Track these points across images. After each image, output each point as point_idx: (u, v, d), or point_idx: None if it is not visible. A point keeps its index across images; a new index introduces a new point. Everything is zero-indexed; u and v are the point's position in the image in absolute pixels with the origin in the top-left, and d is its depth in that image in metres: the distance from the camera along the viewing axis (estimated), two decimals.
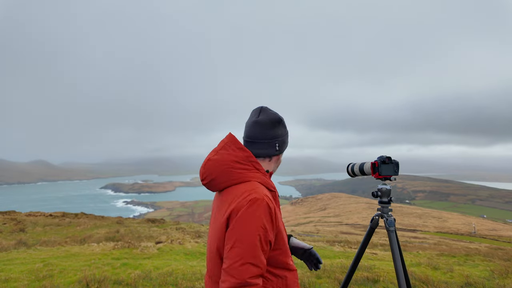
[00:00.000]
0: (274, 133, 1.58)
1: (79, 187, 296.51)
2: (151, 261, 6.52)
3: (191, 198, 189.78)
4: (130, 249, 7.78)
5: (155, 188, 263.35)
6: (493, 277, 5.00)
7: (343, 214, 54.28)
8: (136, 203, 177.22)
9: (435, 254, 7.97)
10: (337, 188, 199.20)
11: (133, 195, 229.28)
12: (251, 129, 1.58)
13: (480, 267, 5.85)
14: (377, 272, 5.18)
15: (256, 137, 1.57)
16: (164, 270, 5.45)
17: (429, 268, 5.72)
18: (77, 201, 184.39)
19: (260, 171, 1.51)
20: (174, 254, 7.52)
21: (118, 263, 5.97)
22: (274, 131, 1.58)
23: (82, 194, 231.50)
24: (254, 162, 1.50)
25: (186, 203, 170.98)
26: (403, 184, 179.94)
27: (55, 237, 11.90)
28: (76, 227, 15.09)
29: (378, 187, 2.06)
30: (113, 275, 5.00)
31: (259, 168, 1.51)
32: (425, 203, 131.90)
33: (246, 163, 1.48)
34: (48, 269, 5.30)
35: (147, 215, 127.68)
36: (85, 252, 7.42)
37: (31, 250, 7.84)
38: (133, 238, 10.93)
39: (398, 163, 1.98)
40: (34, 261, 6.14)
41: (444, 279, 4.89)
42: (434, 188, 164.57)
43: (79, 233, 13.03)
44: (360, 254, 2.17)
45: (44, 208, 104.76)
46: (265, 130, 1.56)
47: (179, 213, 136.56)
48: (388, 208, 2.05)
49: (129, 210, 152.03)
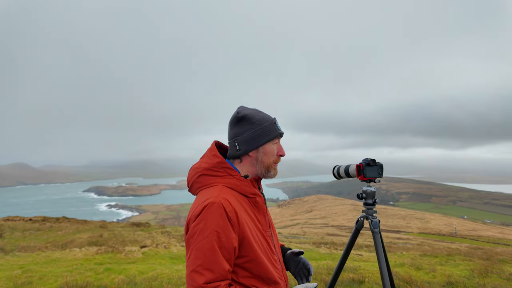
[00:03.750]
0: (233, 132, 1.52)
1: (60, 191, 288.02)
2: (135, 265, 6.39)
3: (177, 201, 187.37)
4: (114, 254, 7.61)
5: (140, 191, 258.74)
6: (473, 276, 5.15)
7: (329, 216, 54.78)
8: (120, 207, 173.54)
9: (418, 255, 8.15)
10: (323, 190, 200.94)
11: (117, 198, 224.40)
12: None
13: (461, 267, 6.02)
14: (362, 273, 5.25)
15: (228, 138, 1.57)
16: (149, 274, 5.36)
17: (412, 268, 5.84)
18: (59, 205, 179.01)
19: (233, 176, 1.45)
20: (160, 258, 7.41)
21: (101, 268, 5.83)
22: (234, 129, 1.52)
23: (64, 198, 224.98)
24: (226, 168, 1.47)
25: (172, 206, 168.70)
26: (387, 186, 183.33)
27: (35, 242, 11.52)
28: (57, 231, 14.65)
29: (363, 189, 2.09)
30: (96, 281, 4.88)
31: (232, 173, 1.46)
32: (408, 205, 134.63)
33: (218, 169, 1.47)
34: (27, 276, 5.13)
35: (132, 218, 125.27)
36: (66, 258, 7.21)
37: (9, 256, 7.55)
38: (117, 242, 10.70)
39: (382, 166, 2.01)
40: (12, 268, 5.92)
41: (426, 279, 5.00)
42: (417, 190, 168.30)
43: (61, 238, 12.65)
44: (346, 255, 2.19)
45: (23, 212, 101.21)
46: (229, 130, 1.55)
47: (164, 217, 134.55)
48: (373, 209, 2.08)
49: (113, 214, 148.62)
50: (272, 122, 1.54)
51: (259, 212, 1.51)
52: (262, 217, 1.52)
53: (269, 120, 1.54)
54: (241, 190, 1.45)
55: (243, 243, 1.35)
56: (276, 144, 1.55)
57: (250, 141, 1.49)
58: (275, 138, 1.53)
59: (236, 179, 1.45)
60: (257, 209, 1.51)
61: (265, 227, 1.51)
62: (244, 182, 1.47)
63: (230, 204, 1.33)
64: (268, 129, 1.51)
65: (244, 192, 1.46)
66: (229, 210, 1.31)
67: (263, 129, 1.50)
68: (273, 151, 1.53)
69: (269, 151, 1.52)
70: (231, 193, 1.41)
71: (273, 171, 1.55)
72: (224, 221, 1.29)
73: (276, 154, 1.54)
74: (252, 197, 1.48)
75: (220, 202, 1.31)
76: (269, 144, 1.52)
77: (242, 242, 1.35)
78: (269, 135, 1.51)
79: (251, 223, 1.43)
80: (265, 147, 1.52)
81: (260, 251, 1.40)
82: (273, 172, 1.55)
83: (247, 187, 1.47)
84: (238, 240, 1.33)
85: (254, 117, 1.51)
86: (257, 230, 1.46)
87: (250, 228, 1.40)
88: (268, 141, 1.51)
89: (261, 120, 1.52)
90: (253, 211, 1.49)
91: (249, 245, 1.36)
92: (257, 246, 1.39)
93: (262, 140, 1.50)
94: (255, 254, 1.37)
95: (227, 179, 1.45)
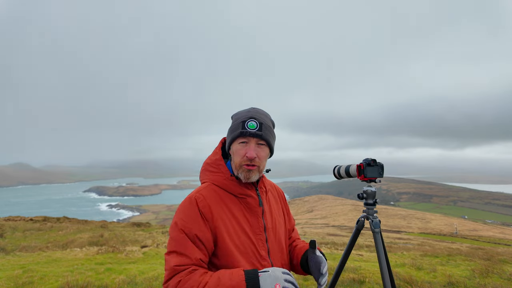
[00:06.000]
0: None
1: (61, 191, 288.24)
2: (136, 265, 6.40)
3: (177, 201, 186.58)
4: (115, 254, 7.61)
5: (141, 191, 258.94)
6: (474, 276, 5.14)
7: (329, 216, 54.79)
8: (121, 207, 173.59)
9: (418, 255, 8.14)
10: (323, 190, 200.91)
11: (118, 198, 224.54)
12: None
13: (462, 267, 6.01)
14: (363, 273, 5.25)
15: None
16: (150, 274, 5.36)
17: (413, 268, 5.83)
18: (59, 205, 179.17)
19: (223, 174, 1.48)
20: (160, 258, 7.41)
21: (102, 268, 5.84)
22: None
23: (65, 198, 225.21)
24: (221, 166, 1.51)
25: (173, 206, 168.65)
26: (388, 186, 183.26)
27: (35, 242, 11.53)
28: (58, 231, 14.66)
29: (363, 189, 2.09)
30: (97, 281, 4.89)
31: (222, 170, 1.49)
32: (409, 205, 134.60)
33: (214, 166, 1.52)
34: (28, 276, 5.13)
35: (132, 218, 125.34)
36: (67, 257, 7.21)
37: (9, 256, 7.56)
38: (118, 242, 10.71)
39: (383, 166, 2.01)
40: (13, 268, 5.92)
41: (427, 279, 4.99)
42: (418, 190, 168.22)
43: (61, 238, 12.67)
44: (346, 255, 2.19)
45: (24, 212, 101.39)
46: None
47: (165, 217, 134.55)
48: (374, 209, 2.08)
49: (113, 214, 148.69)
50: (241, 120, 1.43)
51: (252, 214, 1.47)
52: (254, 219, 1.47)
53: (241, 117, 1.44)
54: (228, 189, 1.46)
55: (217, 242, 1.37)
56: (245, 143, 1.42)
57: (229, 142, 1.48)
58: (238, 137, 1.42)
59: (224, 178, 1.47)
60: (249, 210, 1.47)
61: (256, 230, 1.46)
62: (231, 181, 1.45)
63: (204, 199, 1.38)
64: (233, 127, 1.45)
65: (231, 191, 1.46)
66: (202, 205, 1.37)
67: (232, 127, 1.46)
68: (239, 151, 1.42)
69: (235, 151, 1.44)
70: (214, 190, 1.44)
71: (242, 173, 1.42)
72: (196, 214, 1.35)
73: (242, 155, 1.41)
74: (242, 198, 1.46)
75: (194, 197, 1.39)
76: (235, 143, 1.44)
77: (216, 240, 1.37)
78: (232, 134, 1.44)
79: (233, 222, 1.40)
80: (233, 146, 1.45)
81: (238, 252, 1.37)
82: (242, 174, 1.42)
83: (234, 186, 1.45)
84: (212, 236, 1.36)
85: (236, 115, 1.49)
86: (241, 231, 1.41)
87: (227, 227, 1.38)
88: (233, 140, 1.44)
89: (235, 118, 1.47)
90: (244, 212, 1.45)
91: (223, 244, 1.36)
92: (233, 247, 1.37)
93: (229, 138, 1.47)
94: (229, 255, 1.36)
95: (215, 175, 1.49)
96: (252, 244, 1.42)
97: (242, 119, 1.43)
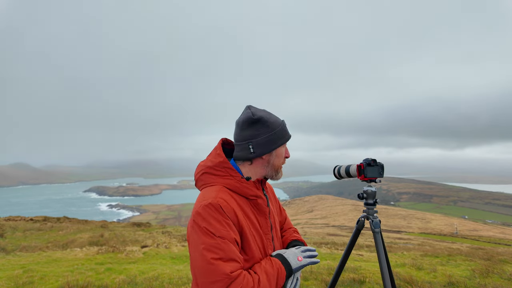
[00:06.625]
0: (247, 134, 1.48)
1: (61, 191, 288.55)
2: (136, 265, 6.40)
3: (177, 201, 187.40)
4: (115, 254, 7.62)
5: (141, 191, 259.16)
6: (474, 276, 5.14)
7: (330, 216, 54.80)
8: (121, 207, 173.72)
9: (419, 255, 8.14)
10: (324, 190, 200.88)
11: (118, 198, 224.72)
12: (234, 130, 1.56)
13: (462, 267, 6.00)
14: (363, 273, 5.25)
15: (235, 138, 1.54)
16: (150, 274, 5.36)
17: (413, 268, 5.83)
18: (60, 205, 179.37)
19: (234, 177, 1.45)
20: (160, 258, 7.41)
21: (102, 268, 5.84)
22: (248, 131, 1.48)
23: (65, 198, 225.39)
24: (228, 169, 1.46)
25: (173, 206, 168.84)
26: (388, 186, 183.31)
27: (36, 242, 11.54)
28: (58, 231, 14.67)
29: (363, 189, 2.09)
30: (97, 281, 4.89)
31: (233, 174, 1.46)
32: (409, 205, 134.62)
33: (220, 169, 1.47)
34: (28, 276, 5.13)
35: (133, 218, 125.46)
36: (67, 257, 7.22)
37: (10, 256, 7.57)
38: (118, 242, 10.72)
39: (383, 166, 2.01)
40: (13, 268, 5.92)
41: (427, 279, 4.99)
42: (418, 190, 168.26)
43: (62, 238, 12.68)
44: (347, 255, 2.19)
45: (24, 212, 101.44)
46: (240, 131, 1.51)
47: (165, 217, 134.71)
48: (374, 209, 2.08)
49: (114, 214, 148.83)
50: (284, 125, 1.56)
51: (260, 214, 1.51)
52: (263, 219, 1.51)
53: (280, 124, 1.54)
54: (241, 192, 1.45)
55: (243, 244, 1.39)
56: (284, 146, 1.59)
57: (266, 144, 1.49)
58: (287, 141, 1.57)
59: (236, 181, 1.45)
60: (258, 211, 1.50)
61: (265, 230, 1.51)
62: (244, 184, 1.46)
63: (228, 204, 1.37)
64: (281, 133, 1.53)
65: (244, 194, 1.46)
66: (228, 210, 1.37)
67: (277, 133, 1.51)
68: (283, 153, 1.57)
69: (280, 154, 1.55)
70: (229, 194, 1.42)
71: (281, 172, 1.60)
72: (226, 219, 1.37)
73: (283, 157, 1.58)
74: (253, 199, 1.48)
75: (218, 203, 1.37)
76: (281, 147, 1.55)
77: (242, 242, 1.39)
78: (282, 139, 1.53)
79: (250, 225, 1.44)
80: (277, 150, 1.54)
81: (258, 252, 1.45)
82: (281, 173, 1.59)
83: (247, 189, 1.46)
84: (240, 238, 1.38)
85: (268, 120, 1.50)
86: (256, 232, 1.46)
87: (249, 229, 1.42)
88: (281, 145, 1.53)
89: (274, 123, 1.52)
90: (254, 213, 1.48)
91: (248, 246, 1.40)
92: (255, 248, 1.43)
93: (276, 144, 1.51)
94: (253, 256, 1.41)
95: (227, 179, 1.45)
96: (262, 243, 1.49)
97: (283, 123, 1.56)
